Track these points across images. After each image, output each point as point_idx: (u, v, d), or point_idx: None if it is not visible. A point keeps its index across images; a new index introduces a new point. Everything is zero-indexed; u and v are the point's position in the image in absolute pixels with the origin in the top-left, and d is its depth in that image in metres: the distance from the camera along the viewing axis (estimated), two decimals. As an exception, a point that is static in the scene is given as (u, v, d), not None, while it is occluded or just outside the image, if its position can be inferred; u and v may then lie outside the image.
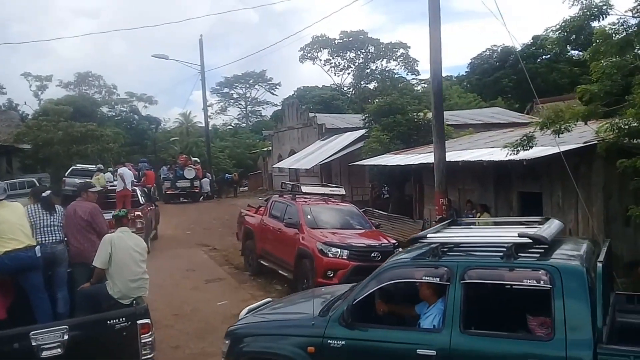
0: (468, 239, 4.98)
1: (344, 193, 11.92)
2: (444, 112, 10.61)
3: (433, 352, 4.29)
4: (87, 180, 14.14)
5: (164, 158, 46.92)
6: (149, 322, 5.45)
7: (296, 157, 24.54)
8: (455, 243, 4.83)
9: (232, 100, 72.94)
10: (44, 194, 6.65)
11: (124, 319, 5.31)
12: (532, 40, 40.60)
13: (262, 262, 11.86)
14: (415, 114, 18.98)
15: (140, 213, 13.83)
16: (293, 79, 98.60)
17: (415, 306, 4.92)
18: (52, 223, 6.40)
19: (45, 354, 4.94)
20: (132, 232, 6.71)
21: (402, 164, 14.96)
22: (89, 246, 6.50)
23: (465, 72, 48.16)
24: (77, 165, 26.67)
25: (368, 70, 51.94)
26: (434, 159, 10.52)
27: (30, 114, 43.93)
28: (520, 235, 4.40)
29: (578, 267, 4.14)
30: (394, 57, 49.57)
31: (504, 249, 4.34)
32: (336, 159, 21.87)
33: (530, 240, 4.34)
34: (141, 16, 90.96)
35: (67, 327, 5.12)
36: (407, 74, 50.44)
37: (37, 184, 22.46)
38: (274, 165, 27.56)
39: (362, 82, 52.12)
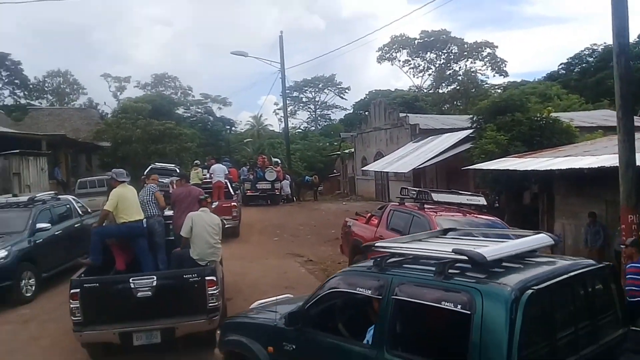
0: (413, 251, 4.45)
1: (485, 203, 9.62)
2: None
3: None
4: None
5: (237, 159, 46.22)
6: (215, 279, 6.92)
7: (387, 159, 22.34)
8: (399, 254, 4.48)
9: (301, 104, 72.14)
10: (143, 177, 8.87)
11: (195, 275, 6.93)
12: (638, 39, 36.74)
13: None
14: (537, 113, 16.30)
15: (235, 203, 16.08)
16: (362, 84, 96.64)
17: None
18: (147, 199, 8.40)
19: (139, 294, 6.71)
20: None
21: (536, 168, 12.43)
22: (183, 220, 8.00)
23: (561, 73, 44.26)
24: (156, 163, 25.71)
25: (450, 72, 49.06)
26: (620, 163, 8.02)
27: (109, 113, 44.25)
28: (455, 252, 3.94)
29: (503, 292, 3.55)
30: (480, 57, 46.39)
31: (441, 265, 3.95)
32: (431, 162, 19.47)
33: (466, 258, 3.82)
34: (212, 23, 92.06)
35: (156, 277, 6.90)
36: (494, 75, 47.16)
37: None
38: (362, 169, 25.51)
39: (443, 84, 49.28)
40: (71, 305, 6.75)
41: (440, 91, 49.43)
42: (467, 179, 20.30)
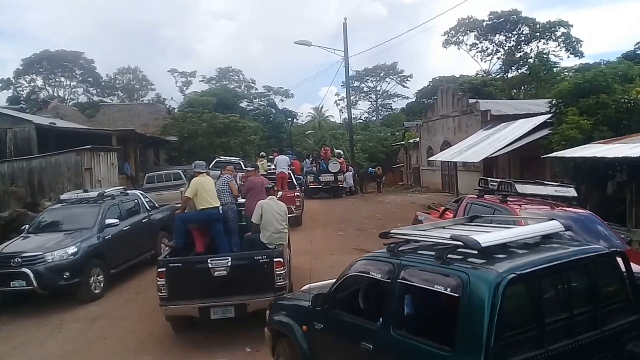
0: (422, 238, 4.66)
1: (576, 195, 8.68)
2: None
3: (370, 347, 4.41)
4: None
5: (299, 151, 46.11)
6: (282, 260, 7.64)
7: (456, 148, 21.27)
8: (408, 240, 4.74)
9: (362, 94, 71.31)
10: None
11: (265, 256, 7.68)
12: None
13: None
14: (625, 95, 14.85)
15: (298, 193, 16.75)
16: (425, 71, 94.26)
17: None
18: (223, 188, 9.28)
19: (216, 273, 7.53)
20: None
21: (629, 155, 11.23)
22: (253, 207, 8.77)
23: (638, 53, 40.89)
24: (221, 157, 25.87)
25: (520, 54, 46.59)
26: None
27: (176, 108, 45.25)
28: (452, 238, 4.18)
29: (488, 276, 3.71)
30: (553, 37, 43.68)
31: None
32: (504, 151, 18.28)
33: (461, 244, 4.05)
34: (274, 15, 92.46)
35: (230, 258, 7.71)
36: (568, 56, 44.33)
37: (183, 176, 21.73)
38: (429, 159, 24.53)
39: (513, 67, 46.89)
40: (158, 283, 7.56)
41: (510, 75, 47.14)
42: (543, 168, 18.97)
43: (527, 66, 45.19)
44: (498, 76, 48.54)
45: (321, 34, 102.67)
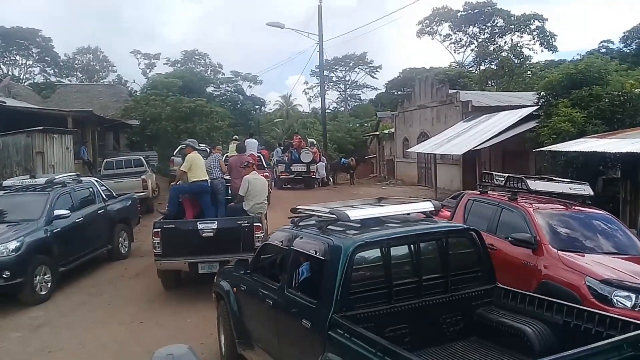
0: (315, 212, 5.21)
1: (592, 193, 7.78)
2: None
3: (270, 303, 5.05)
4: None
5: (266, 140, 44.69)
6: (261, 225, 8.81)
7: (436, 140, 20.39)
8: (311, 215, 5.30)
9: (331, 84, 69.88)
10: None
11: (247, 221, 8.86)
12: None
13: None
14: (619, 87, 14.18)
15: (267, 174, 17.19)
16: (394, 62, 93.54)
17: None
18: (213, 165, 10.22)
19: (204, 234, 8.67)
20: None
21: (633, 150, 10.49)
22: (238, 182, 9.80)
23: (620, 47, 41.02)
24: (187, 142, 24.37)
25: (494, 47, 46.25)
26: None
27: (139, 90, 43.07)
28: (330, 213, 4.81)
29: (344, 243, 4.36)
30: (528, 31, 43.41)
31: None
32: (489, 143, 17.49)
33: (335, 217, 4.71)
34: (243, 1, 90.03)
35: (217, 222, 8.99)
36: (542, 50, 44.25)
37: (145, 162, 20.22)
38: (407, 150, 23.59)
39: (486, 60, 46.54)
40: (153, 241, 8.62)
41: (482, 67, 46.81)
42: (526, 162, 18.34)
43: (499, 59, 44.99)
44: (471, 68, 48.20)
45: (291, 21, 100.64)
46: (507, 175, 8.09)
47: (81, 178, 12.01)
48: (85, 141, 23.78)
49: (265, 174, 16.76)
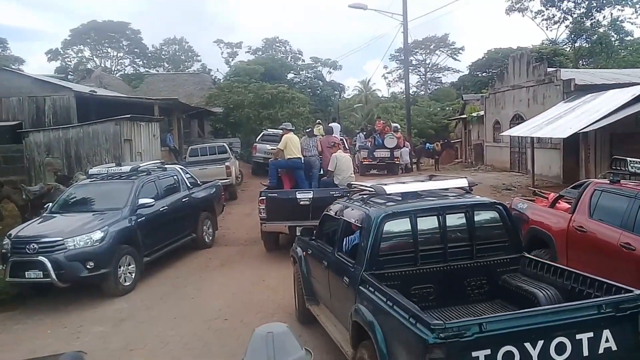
0: (364, 187, 6.09)
1: None
2: None
3: (325, 264, 5.83)
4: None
5: (346, 126, 43.94)
6: None
7: (534, 122, 18.59)
8: (362, 189, 6.15)
9: (411, 67, 67.47)
10: (308, 131, 12.90)
11: (338, 192, 9.38)
12: None
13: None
14: None
15: (348, 155, 16.63)
16: (478, 44, 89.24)
17: None
18: (311, 145, 11.87)
19: (301, 202, 10.06)
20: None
21: None
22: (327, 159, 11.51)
23: None
24: (269, 129, 24.06)
25: (591, 22, 42.58)
26: None
27: (222, 78, 43.61)
28: (371, 187, 5.70)
29: (375, 213, 5.07)
30: (630, 3, 39.56)
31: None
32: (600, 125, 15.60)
33: (372, 190, 5.64)
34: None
35: (312, 192, 10.35)
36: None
37: (228, 149, 20.12)
38: (502, 134, 21.85)
39: (583, 37, 42.97)
40: (259, 207, 10.30)
41: (577, 45, 43.31)
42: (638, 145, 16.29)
43: (596, 35, 41.33)
44: (564, 46, 44.78)
45: (372, 4, 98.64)
46: (646, 161, 6.76)
47: (166, 166, 11.81)
48: (171, 129, 24.12)
49: (347, 154, 17.23)
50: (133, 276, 8.93)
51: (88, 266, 8.21)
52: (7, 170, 17.20)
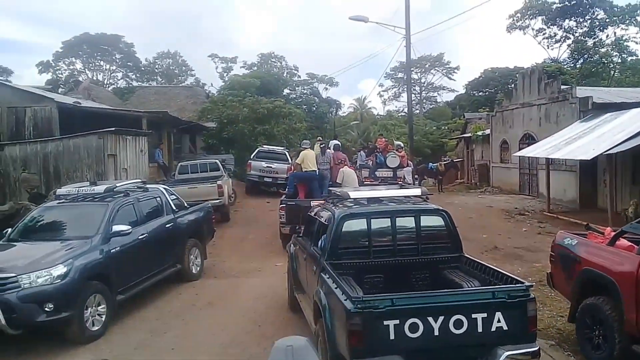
0: (337, 192, 7.31)
1: None
2: None
3: (305, 255, 7.00)
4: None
5: (342, 143, 42.75)
6: None
7: (550, 142, 17.36)
8: (335, 196, 7.27)
9: (406, 85, 66.77)
10: (323, 146, 15.02)
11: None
12: None
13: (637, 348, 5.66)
14: None
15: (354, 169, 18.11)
16: (473, 63, 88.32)
17: None
18: (324, 160, 14.44)
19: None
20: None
21: None
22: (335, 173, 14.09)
23: None
24: (264, 146, 22.70)
25: (594, 41, 41.85)
26: None
27: (216, 92, 42.37)
28: (339, 193, 7.05)
29: (337, 213, 6.13)
30: (635, 22, 38.86)
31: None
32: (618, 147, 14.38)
33: (339, 195, 6.91)
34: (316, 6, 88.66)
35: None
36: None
37: (221, 166, 18.77)
38: (515, 154, 20.55)
39: (585, 56, 42.16)
40: (280, 213, 12.30)
41: (579, 64, 42.49)
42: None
43: (598, 55, 40.54)
44: (566, 66, 43.98)
45: (367, 27, 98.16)
46: None
47: (147, 186, 10.36)
48: (161, 144, 22.68)
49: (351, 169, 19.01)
50: (103, 319, 7.43)
51: (47, 308, 6.72)
52: (-23, 186, 15.73)
